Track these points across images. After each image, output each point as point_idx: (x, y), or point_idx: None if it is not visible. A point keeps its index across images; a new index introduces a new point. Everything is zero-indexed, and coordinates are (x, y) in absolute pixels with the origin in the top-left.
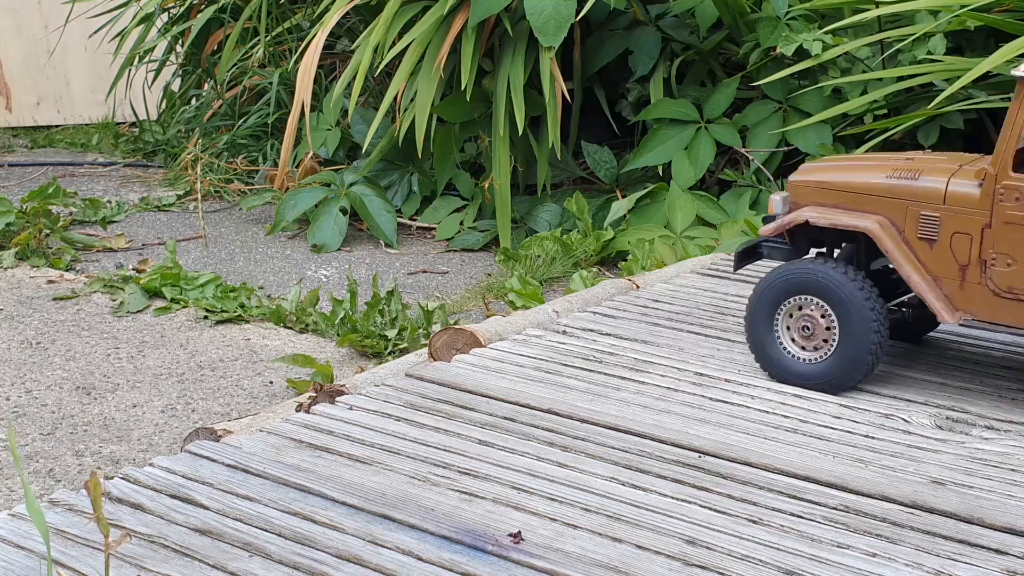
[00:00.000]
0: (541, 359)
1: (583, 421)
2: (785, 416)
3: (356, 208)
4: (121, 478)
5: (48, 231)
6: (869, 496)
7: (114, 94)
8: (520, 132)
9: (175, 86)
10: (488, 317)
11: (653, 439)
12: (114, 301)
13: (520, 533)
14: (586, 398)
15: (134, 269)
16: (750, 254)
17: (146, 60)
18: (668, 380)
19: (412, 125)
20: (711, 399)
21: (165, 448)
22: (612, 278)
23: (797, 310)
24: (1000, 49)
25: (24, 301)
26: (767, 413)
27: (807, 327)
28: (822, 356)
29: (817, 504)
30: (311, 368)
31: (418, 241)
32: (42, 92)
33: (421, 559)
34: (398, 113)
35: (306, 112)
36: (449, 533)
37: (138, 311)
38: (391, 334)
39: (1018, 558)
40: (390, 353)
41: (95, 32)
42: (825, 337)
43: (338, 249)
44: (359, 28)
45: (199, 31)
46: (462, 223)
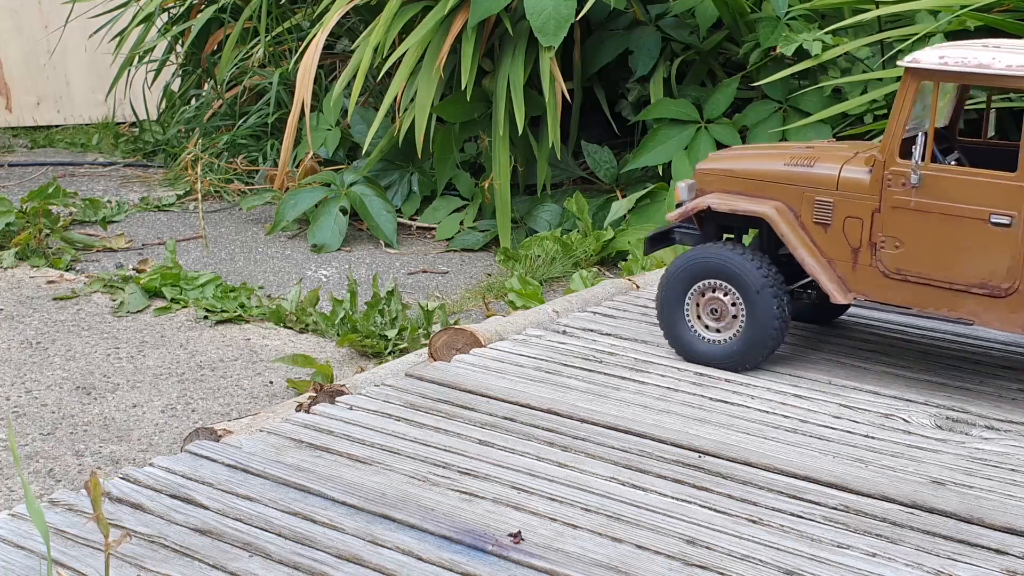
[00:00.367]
0: (541, 359)
1: (583, 421)
2: (785, 416)
3: (356, 208)
4: (121, 478)
5: (48, 231)
6: (869, 496)
7: (114, 94)
8: (520, 132)
9: (175, 86)
10: (488, 317)
11: (653, 439)
12: (114, 301)
13: (520, 533)
14: (586, 398)
15: (134, 269)
16: (662, 240)
17: (146, 60)
18: (668, 380)
19: (412, 125)
20: (711, 399)
21: (165, 448)
22: (612, 278)
23: (707, 293)
24: None
25: (24, 301)
26: (767, 413)
27: (715, 310)
28: (730, 337)
29: (817, 504)
30: (311, 368)
31: (418, 241)
32: (42, 92)
33: (421, 559)
34: (398, 113)
35: (306, 112)
36: (449, 533)
37: (138, 311)
38: (391, 334)
39: (1018, 558)
40: (390, 353)
41: (95, 32)
42: (733, 317)
43: (338, 249)
44: (359, 28)
45: (199, 31)
46: (462, 223)
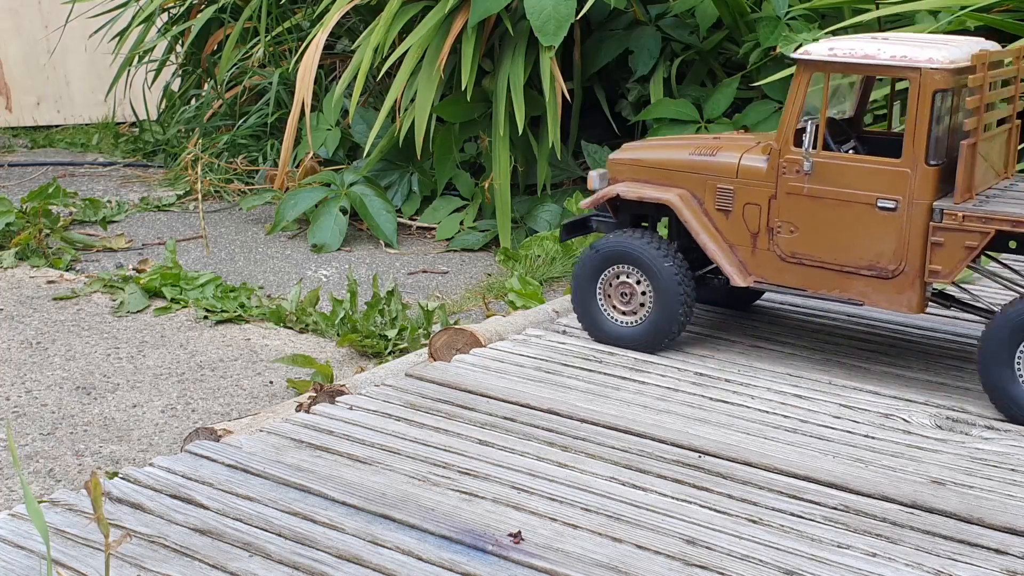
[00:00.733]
0: (541, 359)
1: (583, 421)
2: (785, 416)
3: (356, 208)
4: (121, 478)
5: (48, 231)
6: (869, 496)
7: (114, 94)
8: (520, 132)
9: (175, 86)
10: (488, 317)
11: (653, 439)
12: (114, 301)
13: (520, 533)
14: (586, 398)
15: (134, 269)
16: (578, 227)
17: (146, 60)
18: (668, 380)
19: (412, 125)
20: (711, 399)
21: (165, 448)
22: None
23: (616, 278)
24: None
25: (24, 301)
26: (767, 413)
27: (625, 294)
28: (639, 320)
29: (817, 504)
30: (311, 368)
31: (418, 241)
32: (42, 92)
33: (421, 559)
34: (398, 113)
35: (306, 112)
36: (449, 533)
37: (138, 311)
38: (391, 334)
39: (1018, 558)
40: (390, 353)
41: (95, 32)
42: (641, 302)
43: (338, 249)
44: (359, 28)
45: (199, 31)
46: (462, 223)
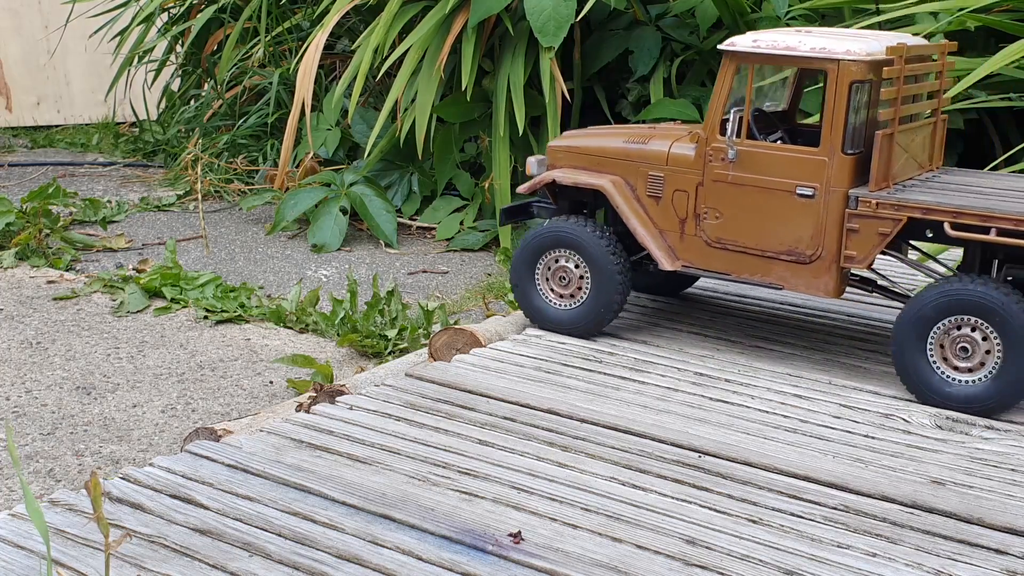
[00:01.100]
0: (541, 359)
1: (583, 421)
2: (785, 416)
3: (356, 208)
4: (121, 478)
5: (48, 231)
6: (869, 496)
7: (114, 94)
8: (520, 132)
9: (175, 86)
10: (488, 317)
11: (653, 439)
12: (114, 301)
13: (520, 533)
14: (586, 398)
15: (134, 269)
16: (518, 212)
17: (146, 60)
18: (668, 380)
19: (412, 125)
20: (711, 399)
21: (165, 448)
22: None
23: (555, 262)
24: (1003, 50)
25: (24, 301)
26: (767, 413)
27: (563, 278)
28: (576, 303)
29: (817, 504)
30: (311, 368)
31: (418, 241)
32: (42, 92)
33: (421, 559)
34: (399, 113)
35: (306, 112)
36: (449, 533)
37: (138, 311)
38: (391, 334)
39: (1018, 558)
40: (390, 353)
41: (95, 32)
42: (579, 286)
43: (338, 249)
44: (359, 28)
45: (199, 31)
46: (462, 223)
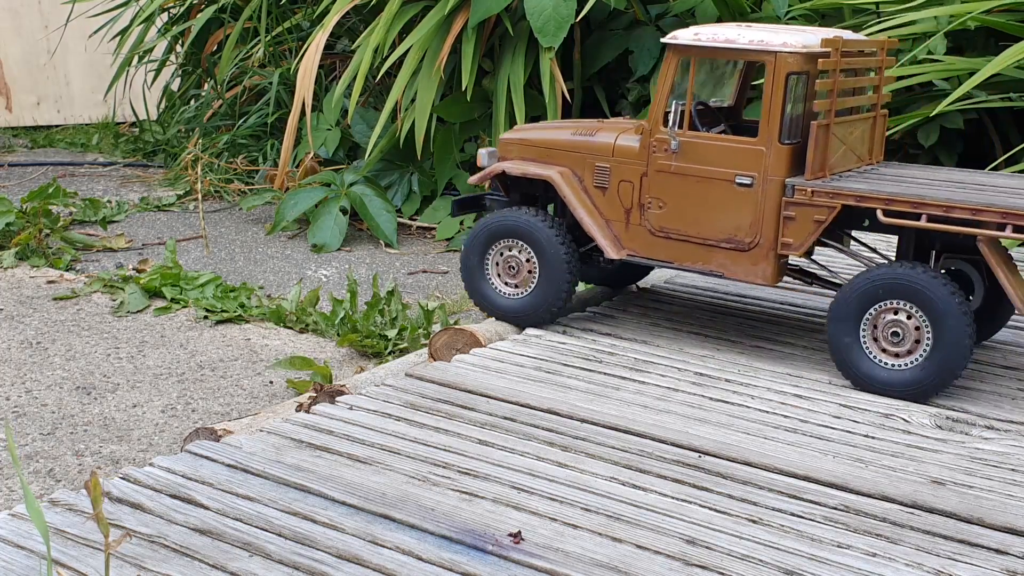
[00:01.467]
0: (541, 359)
1: (583, 421)
2: (785, 416)
3: (356, 208)
4: (121, 478)
5: (48, 231)
6: (869, 496)
7: (114, 94)
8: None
9: (175, 86)
10: (488, 317)
11: (653, 439)
12: (114, 301)
13: (520, 533)
14: (586, 398)
15: (134, 269)
16: (471, 205)
17: (146, 60)
18: (668, 380)
19: (412, 125)
20: (711, 399)
21: (165, 448)
22: None
23: (506, 251)
24: (1007, 51)
25: (24, 301)
26: (767, 413)
27: (512, 266)
28: (524, 291)
29: (817, 504)
30: (310, 370)
31: (418, 241)
32: (42, 92)
33: (421, 559)
34: (399, 113)
35: (307, 112)
36: (449, 533)
37: (138, 311)
38: (391, 334)
39: (1018, 558)
40: (390, 353)
41: (95, 32)
42: (528, 276)
43: (338, 249)
44: (359, 28)
45: (199, 31)
46: (462, 223)
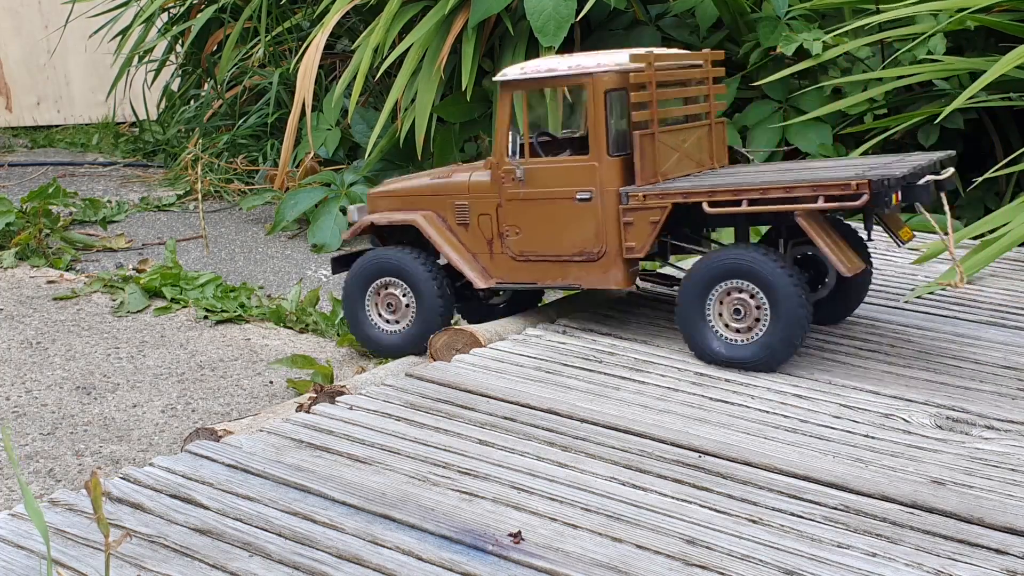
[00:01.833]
0: (541, 359)
1: (583, 421)
2: (785, 416)
3: None
4: (121, 478)
5: (48, 231)
6: (869, 496)
7: (114, 94)
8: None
9: (175, 86)
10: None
11: (653, 439)
12: (114, 301)
13: (520, 533)
14: (586, 398)
15: (134, 269)
16: (347, 261)
17: (146, 60)
18: (668, 380)
19: (412, 125)
20: (711, 399)
21: (165, 448)
22: None
23: (384, 289)
24: (1012, 52)
25: (24, 301)
26: (767, 413)
27: (391, 304)
28: (403, 328)
29: (817, 504)
30: (311, 369)
31: None
32: (42, 92)
33: (421, 559)
34: (399, 113)
35: (307, 112)
36: (449, 533)
37: (138, 311)
38: None
39: (1018, 558)
40: None
41: (95, 32)
42: (405, 312)
43: (338, 249)
44: (359, 28)
45: (199, 31)
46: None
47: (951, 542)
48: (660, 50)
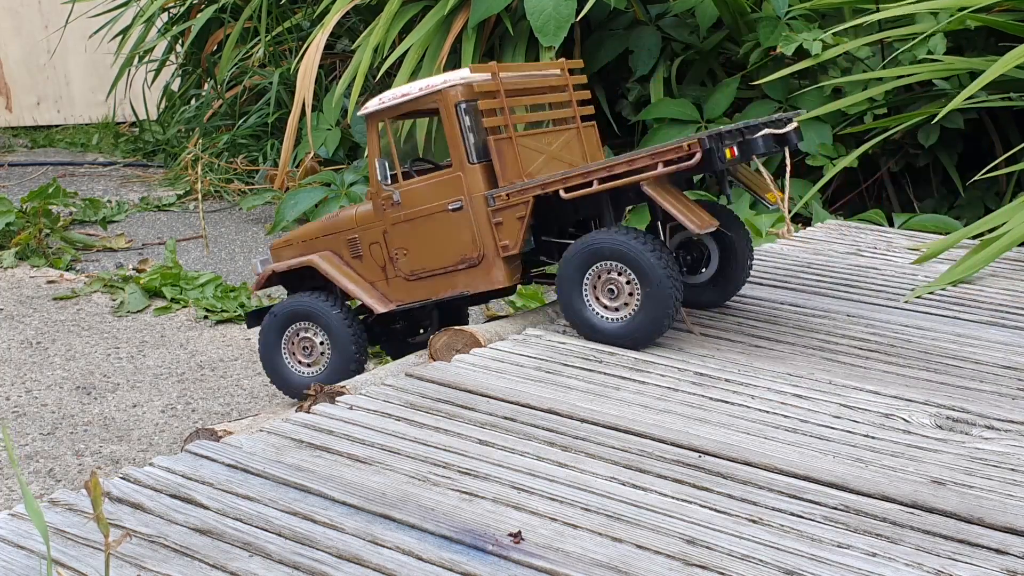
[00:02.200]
0: (541, 359)
1: (583, 421)
2: (785, 416)
3: None
4: (121, 478)
5: (48, 231)
6: (869, 496)
7: (114, 94)
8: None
9: (175, 86)
10: (488, 317)
11: (653, 439)
12: (114, 301)
13: (520, 533)
14: (586, 398)
15: (134, 269)
16: (263, 314)
17: (146, 60)
18: (668, 380)
19: (413, 125)
20: (711, 399)
21: (165, 448)
22: None
23: (298, 335)
24: (1011, 52)
25: (24, 301)
26: (767, 413)
27: (306, 347)
28: (320, 369)
29: (817, 504)
30: None
31: None
32: (42, 92)
33: (421, 559)
34: None
35: (307, 112)
36: (449, 533)
37: (138, 311)
38: None
39: (1018, 558)
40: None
41: (95, 32)
42: (321, 352)
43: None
44: (359, 28)
45: (199, 31)
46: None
47: (951, 542)
48: (508, 64)
